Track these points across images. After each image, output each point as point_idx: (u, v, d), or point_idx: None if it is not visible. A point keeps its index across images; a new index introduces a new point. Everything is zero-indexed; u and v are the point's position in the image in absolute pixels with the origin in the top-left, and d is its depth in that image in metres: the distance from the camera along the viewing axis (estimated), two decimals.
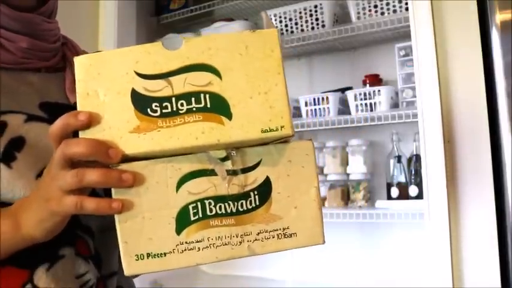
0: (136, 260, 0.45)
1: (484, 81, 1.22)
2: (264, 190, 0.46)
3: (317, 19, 1.66)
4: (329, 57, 1.84)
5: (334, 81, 1.79)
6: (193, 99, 0.44)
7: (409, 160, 1.55)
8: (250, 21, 1.85)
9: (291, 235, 0.47)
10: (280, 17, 1.72)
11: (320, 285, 1.74)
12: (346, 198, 1.64)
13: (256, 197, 0.46)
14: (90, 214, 0.46)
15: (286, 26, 1.71)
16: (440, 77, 1.28)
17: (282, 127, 0.44)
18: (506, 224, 1.15)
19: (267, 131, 0.44)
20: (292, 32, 1.70)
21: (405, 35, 1.47)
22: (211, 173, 0.46)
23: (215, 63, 0.44)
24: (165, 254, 0.45)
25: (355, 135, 1.69)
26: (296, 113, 1.72)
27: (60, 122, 0.44)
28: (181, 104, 0.44)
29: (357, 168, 1.62)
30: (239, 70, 0.45)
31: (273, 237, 0.47)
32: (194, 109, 0.44)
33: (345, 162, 1.67)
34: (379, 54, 1.73)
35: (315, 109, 1.64)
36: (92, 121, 0.43)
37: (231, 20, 1.86)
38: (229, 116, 0.44)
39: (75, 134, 0.45)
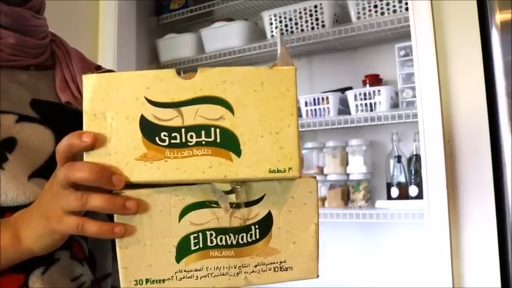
0: (135, 285, 0.45)
1: (484, 81, 1.22)
2: (265, 224, 0.47)
3: (317, 19, 1.66)
4: (329, 57, 1.84)
5: (334, 81, 1.79)
6: (203, 132, 0.43)
7: (409, 160, 1.55)
8: (250, 21, 1.85)
9: (287, 268, 0.48)
10: (280, 17, 1.72)
11: (320, 285, 1.74)
12: (346, 198, 1.64)
13: (257, 230, 0.47)
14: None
15: (286, 26, 1.71)
16: (440, 77, 1.28)
17: (290, 169, 0.44)
18: (506, 224, 1.15)
19: (275, 172, 0.44)
20: (292, 32, 1.70)
21: (405, 35, 1.47)
22: (214, 204, 0.45)
23: (229, 98, 0.43)
24: (163, 280, 0.46)
25: (355, 135, 1.69)
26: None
27: (65, 142, 0.43)
28: (191, 136, 0.43)
29: (357, 168, 1.62)
30: (253, 107, 0.43)
31: (270, 270, 0.47)
32: (203, 142, 0.43)
33: (344, 162, 1.67)
34: (379, 54, 1.73)
35: (315, 109, 1.64)
36: (96, 143, 0.42)
37: (231, 20, 1.86)
38: (238, 153, 0.43)
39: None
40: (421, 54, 1.30)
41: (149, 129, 0.43)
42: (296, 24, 1.69)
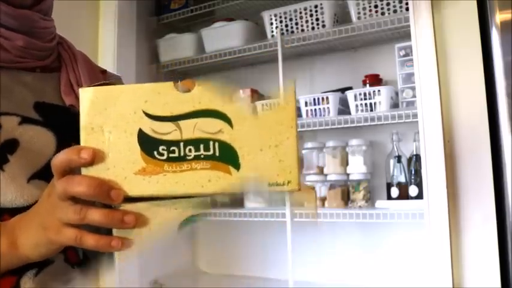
0: None
1: (484, 81, 1.22)
2: None
3: (317, 19, 1.66)
4: (329, 57, 1.84)
5: (334, 81, 1.79)
6: (202, 146, 0.43)
7: (409, 160, 1.55)
8: (250, 21, 1.85)
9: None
10: (280, 17, 1.72)
11: (320, 285, 1.74)
12: (346, 198, 1.64)
13: None
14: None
15: (286, 26, 1.71)
16: (440, 77, 1.28)
17: (289, 182, 0.44)
18: (506, 224, 1.15)
19: (274, 185, 0.44)
20: (292, 32, 1.70)
21: (405, 35, 1.47)
22: (213, 216, 0.46)
23: (227, 111, 0.43)
24: None
25: (355, 135, 1.69)
26: (296, 113, 1.71)
27: (62, 157, 0.43)
28: (189, 150, 0.43)
29: (357, 168, 1.62)
30: (252, 120, 0.43)
31: None
32: (202, 156, 0.43)
33: (344, 162, 1.67)
34: (379, 54, 1.73)
35: (315, 109, 1.64)
36: (95, 158, 0.42)
37: (231, 20, 1.86)
38: (237, 166, 0.43)
39: None
40: (421, 54, 1.30)
41: (147, 143, 0.43)
42: (296, 24, 1.69)
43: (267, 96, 1.89)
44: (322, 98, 1.63)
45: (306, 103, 1.66)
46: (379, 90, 1.54)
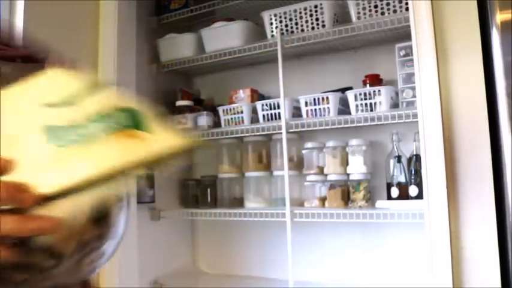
0: None
1: (484, 81, 1.22)
2: None
3: (317, 19, 1.66)
4: (329, 57, 1.84)
5: (334, 81, 1.79)
6: (110, 119, 0.40)
7: (409, 160, 1.55)
8: (250, 21, 1.85)
9: None
10: (280, 17, 1.72)
11: (320, 285, 1.74)
12: (346, 198, 1.64)
13: None
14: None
15: (286, 26, 1.71)
16: (440, 77, 1.28)
17: None
18: (506, 224, 1.15)
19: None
20: (292, 32, 1.70)
21: (405, 35, 1.47)
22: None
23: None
24: None
25: (355, 135, 1.69)
26: (296, 113, 1.72)
27: None
28: (98, 127, 0.40)
29: (357, 168, 1.62)
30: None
31: None
32: (113, 129, 0.40)
33: (344, 162, 1.67)
34: (379, 54, 1.73)
35: (315, 109, 1.64)
36: (6, 165, 0.39)
37: (231, 20, 1.86)
38: (150, 130, 0.41)
39: None
40: (421, 54, 1.30)
41: (55, 134, 0.40)
42: (296, 24, 1.69)
43: (267, 96, 1.89)
44: (322, 98, 1.63)
45: (306, 103, 1.66)
46: (379, 90, 1.54)
